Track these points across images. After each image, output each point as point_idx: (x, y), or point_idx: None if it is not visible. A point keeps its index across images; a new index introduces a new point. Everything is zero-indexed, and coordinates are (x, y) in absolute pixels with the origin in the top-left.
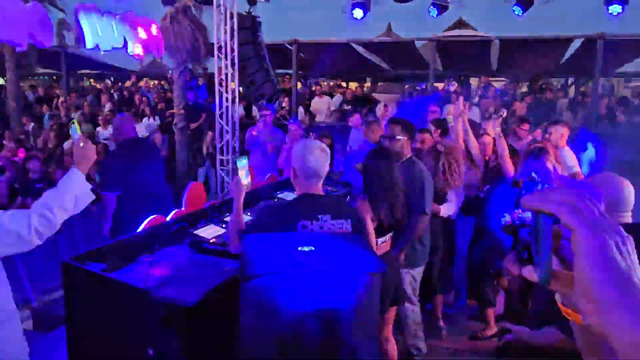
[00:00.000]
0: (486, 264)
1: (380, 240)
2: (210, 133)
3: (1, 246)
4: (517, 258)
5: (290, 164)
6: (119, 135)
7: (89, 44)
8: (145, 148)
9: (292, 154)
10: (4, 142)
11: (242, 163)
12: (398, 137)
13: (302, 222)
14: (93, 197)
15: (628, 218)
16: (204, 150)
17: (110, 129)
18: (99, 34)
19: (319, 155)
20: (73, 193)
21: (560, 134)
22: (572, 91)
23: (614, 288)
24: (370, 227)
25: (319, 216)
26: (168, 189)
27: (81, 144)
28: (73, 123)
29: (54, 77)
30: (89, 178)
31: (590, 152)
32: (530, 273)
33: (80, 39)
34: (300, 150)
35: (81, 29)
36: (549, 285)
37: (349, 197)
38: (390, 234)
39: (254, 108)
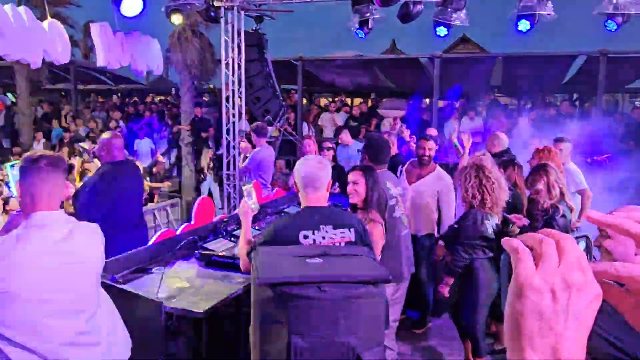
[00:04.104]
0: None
1: None
2: (208, 149)
3: None
4: None
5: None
6: (107, 155)
7: (101, 61)
8: (131, 173)
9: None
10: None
11: (247, 186)
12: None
13: (304, 233)
14: None
15: None
16: (204, 166)
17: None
18: (109, 52)
19: (314, 166)
20: None
21: (569, 151)
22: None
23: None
24: (376, 235)
25: (321, 226)
26: (143, 221)
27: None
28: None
29: (62, 93)
30: None
31: None
32: None
33: (98, 55)
34: (299, 162)
35: (101, 45)
36: None
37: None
38: None
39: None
